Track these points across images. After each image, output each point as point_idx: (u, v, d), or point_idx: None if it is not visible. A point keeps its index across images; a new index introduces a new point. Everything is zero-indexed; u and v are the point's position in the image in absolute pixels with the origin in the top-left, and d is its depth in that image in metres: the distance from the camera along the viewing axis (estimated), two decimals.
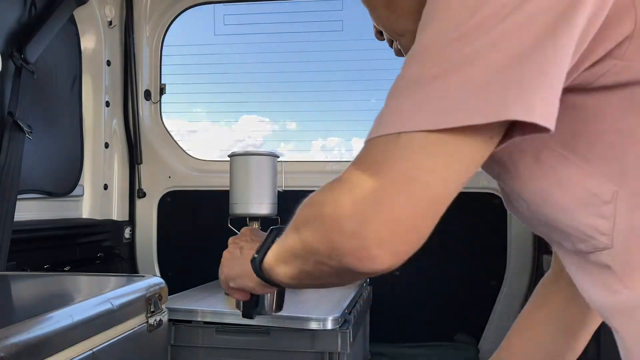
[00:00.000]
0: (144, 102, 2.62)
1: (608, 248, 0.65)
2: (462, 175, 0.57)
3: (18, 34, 1.94)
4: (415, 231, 0.57)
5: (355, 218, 0.57)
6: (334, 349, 1.49)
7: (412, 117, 0.56)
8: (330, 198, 0.60)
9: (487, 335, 2.38)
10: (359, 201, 0.57)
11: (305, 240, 0.65)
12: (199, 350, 1.58)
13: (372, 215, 0.56)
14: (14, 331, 0.89)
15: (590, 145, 0.62)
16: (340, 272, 0.63)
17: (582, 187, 0.63)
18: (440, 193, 0.56)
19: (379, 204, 0.56)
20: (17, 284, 1.47)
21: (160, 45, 2.65)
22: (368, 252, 0.57)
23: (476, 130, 0.54)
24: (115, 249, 2.47)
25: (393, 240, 0.57)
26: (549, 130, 0.54)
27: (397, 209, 0.56)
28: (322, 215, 0.61)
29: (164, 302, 1.39)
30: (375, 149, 0.58)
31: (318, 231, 0.62)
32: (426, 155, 0.55)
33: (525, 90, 0.53)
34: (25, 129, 1.85)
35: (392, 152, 0.56)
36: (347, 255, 0.58)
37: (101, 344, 1.09)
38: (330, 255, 0.60)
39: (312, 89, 2.61)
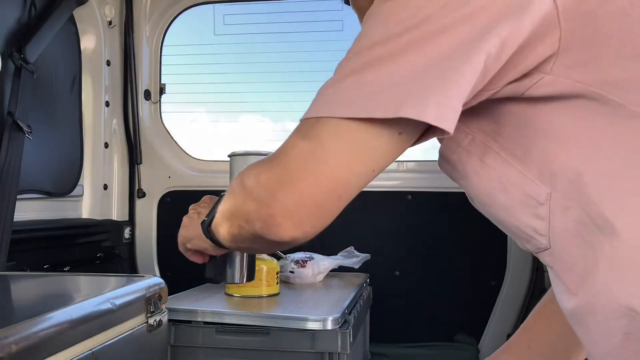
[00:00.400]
0: (144, 102, 2.62)
1: (547, 249, 0.68)
2: (369, 165, 0.63)
3: (18, 33, 1.94)
4: (318, 208, 0.63)
5: (267, 187, 0.64)
6: (334, 349, 1.49)
7: (329, 104, 0.63)
8: (256, 169, 0.68)
9: (487, 335, 2.38)
10: (274, 173, 0.64)
11: (231, 205, 0.73)
12: (199, 350, 1.58)
13: (281, 186, 0.63)
14: (13, 331, 0.89)
15: (526, 150, 0.66)
16: (255, 238, 0.69)
17: (521, 188, 0.67)
18: (343, 177, 0.63)
19: (288, 177, 0.63)
20: (17, 284, 1.47)
21: (160, 45, 2.65)
22: (274, 220, 0.64)
23: (383, 124, 0.61)
24: (115, 249, 2.47)
25: (296, 212, 0.63)
26: (448, 133, 0.59)
27: (301, 184, 0.62)
28: (245, 183, 0.68)
29: (164, 302, 1.39)
30: (299, 129, 0.66)
31: (240, 197, 0.69)
32: (335, 140, 0.62)
33: (423, 93, 0.58)
34: (25, 129, 1.84)
35: (308, 133, 0.63)
36: (257, 221, 0.66)
37: (101, 344, 1.09)
38: (247, 220, 0.68)
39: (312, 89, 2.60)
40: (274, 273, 1.86)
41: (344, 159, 0.62)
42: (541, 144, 0.65)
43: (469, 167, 0.71)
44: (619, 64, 0.60)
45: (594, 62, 0.60)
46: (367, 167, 0.64)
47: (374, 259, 2.23)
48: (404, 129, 0.62)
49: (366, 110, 0.60)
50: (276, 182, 0.64)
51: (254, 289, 1.81)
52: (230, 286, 1.85)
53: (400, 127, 0.62)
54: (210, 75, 2.74)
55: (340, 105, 0.62)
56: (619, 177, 0.61)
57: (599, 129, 0.62)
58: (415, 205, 2.38)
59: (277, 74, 2.66)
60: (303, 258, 2.11)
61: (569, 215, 0.64)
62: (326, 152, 0.62)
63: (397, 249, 2.41)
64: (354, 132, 0.61)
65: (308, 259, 2.11)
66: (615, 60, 0.60)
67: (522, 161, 0.67)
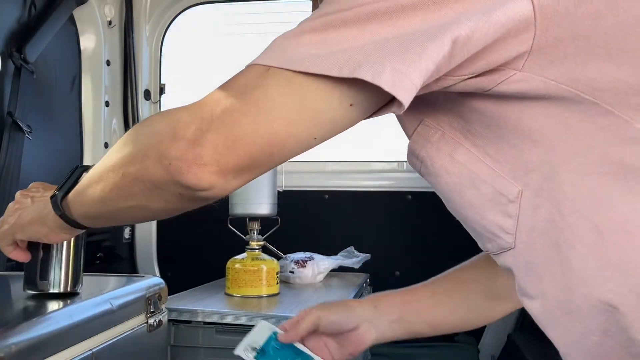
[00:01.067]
0: (144, 102, 2.62)
1: (511, 248, 0.68)
2: (311, 129, 0.60)
3: (17, 33, 1.94)
4: (248, 158, 0.60)
5: (199, 126, 0.59)
6: None
7: (283, 56, 0.59)
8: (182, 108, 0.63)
9: (487, 335, 2.38)
10: (210, 112, 0.60)
11: (133, 148, 0.66)
12: (199, 350, 1.58)
13: (216, 127, 0.59)
14: (13, 331, 0.89)
15: (497, 147, 0.65)
16: (159, 184, 0.63)
17: (491, 185, 0.66)
18: (281, 133, 0.59)
19: (224, 118, 0.59)
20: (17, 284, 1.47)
21: (160, 45, 2.65)
22: (200, 159, 0.59)
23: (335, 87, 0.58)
24: (115, 249, 2.47)
25: (226, 156, 0.59)
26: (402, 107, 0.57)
27: (238, 129, 0.59)
28: (170, 116, 0.63)
29: (164, 303, 1.39)
30: (245, 74, 0.62)
31: (157, 130, 0.63)
32: (282, 92, 0.58)
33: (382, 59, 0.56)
34: (25, 129, 1.84)
35: (256, 80, 0.60)
36: (177, 159, 0.60)
37: (101, 344, 1.09)
38: (159, 159, 0.61)
39: None
40: (274, 273, 1.86)
41: (287, 115, 0.59)
42: (513, 142, 0.64)
43: (438, 163, 0.70)
44: (592, 64, 0.59)
45: (568, 62, 0.60)
46: (308, 132, 0.60)
47: (374, 259, 2.23)
48: (356, 99, 0.59)
49: (321, 67, 0.57)
50: (211, 123, 0.59)
51: (254, 289, 1.81)
52: (230, 286, 1.84)
53: (353, 97, 0.59)
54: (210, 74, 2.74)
55: (294, 59, 0.58)
56: (595, 174, 0.61)
57: (573, 127, 0.61)
58: (415, 205, 2.38)
59: None
60: (303, 258, 2.11)
61: (539, 214, 0.64)
62: (270, 103, 0.59)
63: (397, 249, 2.41)
64: (304, 90, 0.58)
65: (308, 259, 2.11)
66: (589, 60, 0.59)
67: (494, 158, 0.66)
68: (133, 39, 2.54)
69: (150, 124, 0.66)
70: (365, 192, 2.46)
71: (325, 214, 2.47)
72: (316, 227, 2.45)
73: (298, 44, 0.60)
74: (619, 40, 0.59)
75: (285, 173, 2.17)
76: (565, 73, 0.60)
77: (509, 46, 0.59)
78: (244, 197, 1.92)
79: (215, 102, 0.61)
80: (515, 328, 2.24)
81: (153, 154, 0.62)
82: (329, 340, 1.00)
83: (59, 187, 0.81)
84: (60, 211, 0.80)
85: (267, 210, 1.93)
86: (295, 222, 2.14)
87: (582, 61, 0.60)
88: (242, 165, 0.60)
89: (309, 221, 2.43)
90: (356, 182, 2.47)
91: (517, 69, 0.61)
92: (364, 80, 0.56)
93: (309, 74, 0.58)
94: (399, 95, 0.56)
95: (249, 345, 0.97)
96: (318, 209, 2.46)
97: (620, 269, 0.60)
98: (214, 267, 2.00)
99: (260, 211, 1.92)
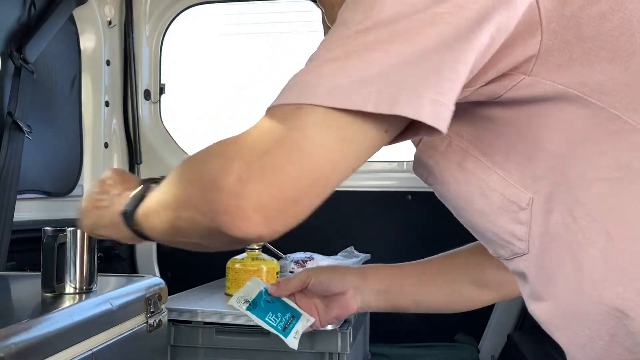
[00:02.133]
0: (144, 102, 2.62)
1: (525, 254, 0.67)
2: (352, 161, 0.59)
3: (17, 33, 1.94)
4: (294, 204, 0.58)
5: (239, 176, 0.56)
6: (334, 349, 1.49)
7: (311, 91, 0.57)
8: (218, 153, 0.60)
9: (487, 335, 2.38)
10: (247, 160, 0.57)
11: (183, 192, 0.65)
12: (199, 350, 1.58)
13: (257, 176, 0.56)
14: (14, 331, 0.89)
15: (506, 155, 0.65)
16: (211, 232, 0.61)
17: (501, 194, 0.66)
18: (326, 171, 0.58)
19: (265, 166, 0.56)
20: (17, 284, 1.47)
21: (160, 44, 2.64)
22: (243, 213, 0.56)
23: (372, 119, 0.56)
24: (114, 249, 2.47)
25: (271, 206, 0.57)
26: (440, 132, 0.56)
27: (281, 175, 0.56)
28: (207, 169, 0.60)
29: (164, 303, 1.39)
30: (274, 115, 0.59)
31: (199, 184, 0.61)
32: (320, 130, 0.56)
33: (416, 89, 0.55)
34: (25, 129, 1.84)
35: (289, 120, 0.57)
36: (222, 213, 0.57)
37: (101, 344, 1.09)
38: (205, 211, 0.59)
39: None
40: (274, 273, 1.86)
41: (329, 154, 0.57)
42: (522, 149, 0.64)
43: (446, 172, 0.70)
44: (599, 67, 0.60)
45: (575, 65, 0.60)
46: (349, 164, 0.59)
47: (374, 259, 2.23)
48: (390, 126, 0.58)
49: (355, 101, 0.55)
50: (250, 171, 0.56)
51: None
52: (230, 286, 1.84)
53: (387, 125, 0.58)
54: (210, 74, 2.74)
55: (324, 93, 0.56)
56: (605, 179, 0.61)
57: (582, 132, 0.61)
58: (415, 205, 2.37)
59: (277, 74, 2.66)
60: (303, 258, 2.11)
61: (552, 219, 0.64)
62: (311, 145, 0.56)
63: (397, 249, 2.40)
64: (341, 126, 0.56)
65: (308, 259, 2.11)
66: (595, 63, 0.60)
67: (503, 166, 0.66)
68: (133, 39, 2.54)
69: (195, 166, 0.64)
70: (365, 192, 2.45)
71: (325, 214, 2.45)
72: (316, 227, 2.43)
73: (321, 76, 0.57)
74: (624, 42, 0.60)
75: None
76: (572, 76, 0.60)
77: (516, 51, 0.60)
78: None
79: (251, 147, 0.58)
80: (515, 328, 2.24)
81: (198, 205, 0.61)
82: (318, 302, 1.05)
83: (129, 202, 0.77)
84: (131, 227, 0.77)
85: None
86: None
87: (589, 64, 0.60)
88: (289, 211, 0.58)
89: (309, 221, 2.39)
90: (356, 182, 2.47)
91: (526, 73, 0.61)
92: None
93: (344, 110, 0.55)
94: (440, 126, 0.56)
95: (242, 298, 1.03)
96: (318, 209, 2.44)
97: (629, 274, 0.60)
98: (214, 267, 2.00)
99: None
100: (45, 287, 1.14)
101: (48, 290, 1.14)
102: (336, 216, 2.46)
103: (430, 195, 0.80)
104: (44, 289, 1.14)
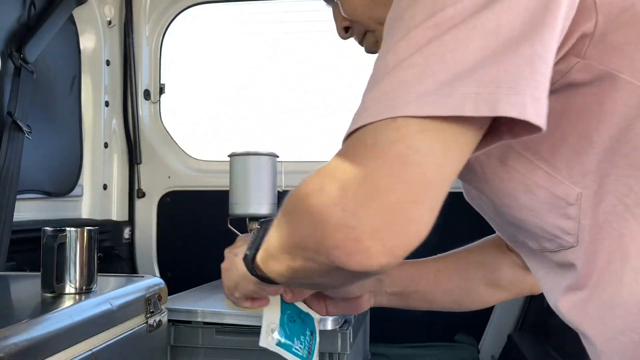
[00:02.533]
0: (144, 102, 2.62)
1: (573, 247, 0.66)
2: (457, 164, 0.55)
3: (17, 33, 1.94)
4: (412, 222, 0.52)
5: (344, 206, 0.52)
6: (334, 349, 1.49)
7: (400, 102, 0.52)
8: (316, 186, 0.55)
9: (487, 335, 2.38)
10: (348, 187, 0.52)
11: (291, 234, 0.60)
12: (199, 350, 1.58)
13: (364, 201, 0.51)
14: (13, 331, 0.89)
15: (554, 150, 0.63)
16: (329, 270, 0.57)
17: (548, 190, 0.63)
18: (436, 179, 0.53)
19: (370, 189, 0.52)
20: (17, 284, 1.47)
21: (159, 44, 2.65)
22: (359, 244, 0.52)
23: (470, 119, 0.52)
24: (114, 249, 2.47)
25: (387, 230, 0.51)
26: (540, 130, 0.52)
27: (390, 195, 0.51)
28: (308, 206, 0.55)
29: (164, 303, 1.39)
30: (364, 135, 0.54)
31: (304, 223, 0.57)
32: (423, 139, 0.52)
33: (515, 86, 0.51)
34: (25, 129, 1.84)
35: (385, 135, 0.52)
36: (335, 249, 0.53)
37: (101, 344, 1.08)
38: (318, 250, 0.55)
39: (312, 88, 2.61)
40: None
41: (436, 160, 0.52)
42: (571, 141, 0.62)
43: (488, 169, 0.66)
44: None
45: (629, 48, 0.58)
46: (455, 166, 0.54)
47: None
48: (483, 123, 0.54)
49: (450, 106, 0.51)
50: (355, 198, 0.52)
51: None
52: None
53: (483, 123, 0.54)
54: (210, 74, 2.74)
55: (415, 102, 0.52)
56: None
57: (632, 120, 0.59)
58: None
59: (277, 73, 2.66)
60: None
61: (601, 209, 0.62)
62: (417, 154, 0.52)
63: None
64: (442, 131, 0.52)
65: None
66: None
67: (549, 162, 0.63)
68: (133, 39, 2.54)
69: (297, 203, 0.59)
70: None
71: None
72: None
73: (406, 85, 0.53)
74: None
75: (285, 173, 2.17)
76: (625, 60, 0.58)
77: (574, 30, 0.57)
78: (244, 197, 1.92)
79: (348, 173, 0.53)
80: (515, 328, 2.24)
81: (309, 244, 0.57)
82: (328, 301, 1.00)
83: (248, 246, 0.75)
84: (254, 273, 0.75)
85: (267, 210, 1.93)
86: None
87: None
88: (407, 230, 0.52)
89: None
90: None
91: (579, 56, 0.59)
92: None
93: (440, 117, 0.52)
94: (542, 124, 0.52)
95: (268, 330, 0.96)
96: None
97: None
98: (214, 267, 2.00)
99: (260, 211, 1.92)
100: (45, 287, 1.14)
101: (48, 290, 1.14)
102: None
103: None
104: (44, 289, 1.14)
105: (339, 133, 0.61)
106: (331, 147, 0.67)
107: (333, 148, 0.59)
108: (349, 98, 2.57)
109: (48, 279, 1.13)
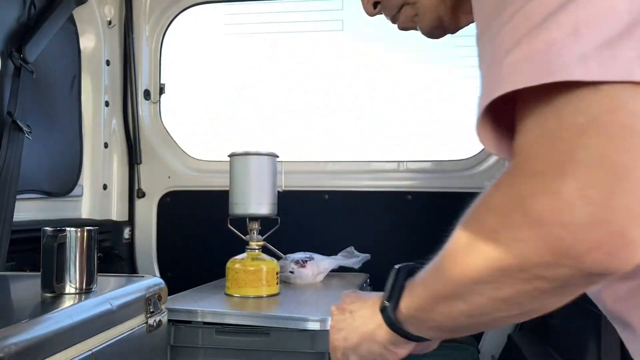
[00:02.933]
0: (144, 102, 2.62)
1: None
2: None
3: (17, 33, 1.94)
4: None
5: (587, 199, 0.44)
6: None
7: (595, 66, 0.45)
8: (534, 189, 0.47)
9: (487, 335, 2.38)
10: (584, 175, 0.44)
11: (498, 258, 0.50)
12: (199, 350, 1.58)
13: (611, 186, 0.43)
14: (13, 331, 0.89)
15: None
16: (564, 285, 0.49)
17: None
18: None
19: (613, 169, 0.44)
20: (17, 284, 1.47)
21: (159, 44, 2.65)
22: (623, 238, 0.44)
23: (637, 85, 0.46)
24: (114, 249, 2.47)
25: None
26: None
27: (631, 171, 0.44)
28: (531, 216, 0.47)
29: (164, 303, 1.39)
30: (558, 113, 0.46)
31: (523, 238, 0.48)
32: (636, 104, 0.45)
33: None
34: (25, 129, 1.84)
35: (601, 105, 0.45)
36: (591, 252, 0.45)
37: (100, 344, 1.08)
38: (556, 263, 0.47)
39: (312, 88, 2.61)
40: (274, 273, 1.86)
41: None
42: None
43: None
44: None
45: None
46: None
47: (374, 259, 2.23)
48: None
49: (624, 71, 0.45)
50: (597, 185, 0.44)
51: (254, 289, 1.81)
52: (230, 286, 1.84)
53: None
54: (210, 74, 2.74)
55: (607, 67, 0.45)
56: None
57: None
58: (415, 205, 2.37)
59: (277, 73, 2.66)
60: (303, 258, 2.11)
61: None
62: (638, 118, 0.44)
63: (397, 249, 2.41)
64: None
65: (308, 259, 2.11)
66: None
67: None
68: (133, 39, 2.54)
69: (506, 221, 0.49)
70: (365, 192, 2.45)
71: (325, 214, 2.47)
72: (316, 227, 2.45)
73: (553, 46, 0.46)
74: None
75: (285, 173, 2.17)
76: None
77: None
78: (244, 197, 1.92)
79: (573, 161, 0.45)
80: (515, 328, 2.24)
81: (544, 258, 0.47)
82: None
83: (387, 296, 0.68)
84: (396, 326, 0.69)
85: (267, 210, 1.93)
86: (295, 222, 2.14)
87: None
88: None
89: (309, 221, 2.43)
90: (356, 182, 2.47)
91: None
92: None
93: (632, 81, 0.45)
94: None
95: None
96: (318, 209, 2.46)
97: None
98: (214, 267, 2.00)
99: (260, 211, 1.92)
100: (45, 287, 1.14)
101: (48, 290, 1.14)
102: (336, 216, 2.47)
103: (430, 195, 0.79)
104: (44, 289, 1.14)
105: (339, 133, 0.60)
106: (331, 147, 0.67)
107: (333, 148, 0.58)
108: (349, 98, 2.57)
109: (48, 279, 1.13)
